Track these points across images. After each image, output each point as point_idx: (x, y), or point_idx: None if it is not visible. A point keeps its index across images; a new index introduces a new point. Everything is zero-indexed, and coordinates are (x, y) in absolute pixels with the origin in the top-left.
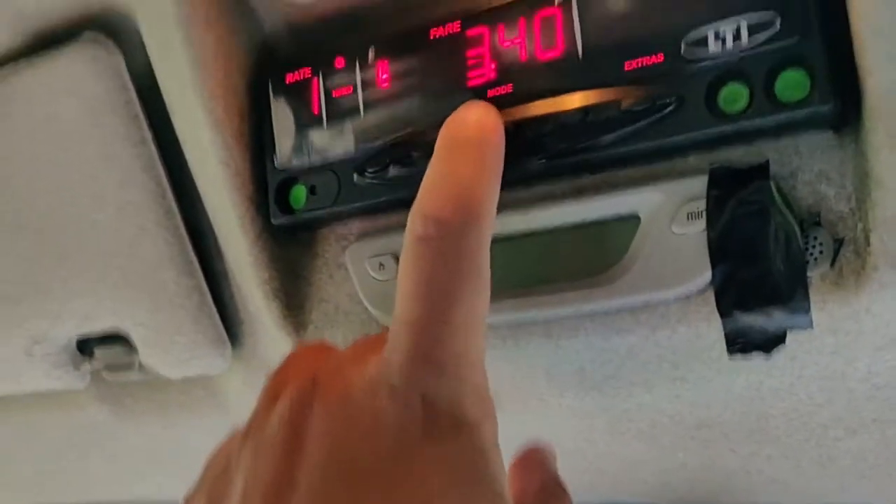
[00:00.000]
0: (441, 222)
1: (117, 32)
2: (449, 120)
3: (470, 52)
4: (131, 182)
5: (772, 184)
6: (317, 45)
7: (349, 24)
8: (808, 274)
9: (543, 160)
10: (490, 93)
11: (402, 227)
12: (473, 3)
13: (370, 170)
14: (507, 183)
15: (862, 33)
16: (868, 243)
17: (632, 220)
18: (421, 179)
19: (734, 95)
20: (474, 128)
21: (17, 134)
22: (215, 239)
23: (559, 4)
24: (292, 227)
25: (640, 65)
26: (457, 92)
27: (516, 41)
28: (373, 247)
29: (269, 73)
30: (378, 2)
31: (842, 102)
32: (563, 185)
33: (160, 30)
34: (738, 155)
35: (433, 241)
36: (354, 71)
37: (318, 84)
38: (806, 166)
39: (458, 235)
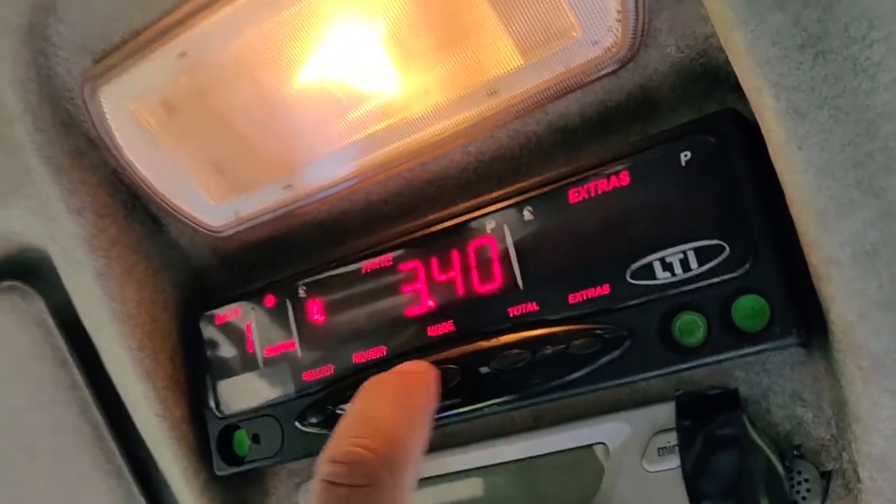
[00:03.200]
0: (353, 466)
1: (38, 270)
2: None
3: (405, 288)
4: (65, 428)
5: (743, 416)
6: (248, 275)
7: (278, 250)
8: None
9: (492, 400)
10: (430, 330)
11: None
12: (401, 228)
13: (313, 418)
14: (454, 422)
15: (817, 264)
16: (858, 479)
17: (600, 452)
18: None
19: (690, 326)
20: (397, 370)
21: None
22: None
23: (491, 232)
24: (239, 475)
25: (584, 297)
26: (396, 326)
27: (451, 275)
28: None
29: (200, 312)
30: (305, 229)
31: (806, 328)
32: (521, 413)
33: (78, 282)
34: (704, 374)
35: (342, 490)
36: (286, 309)
37: (251, 325)
38: (777, 386)
39: (372, 481)
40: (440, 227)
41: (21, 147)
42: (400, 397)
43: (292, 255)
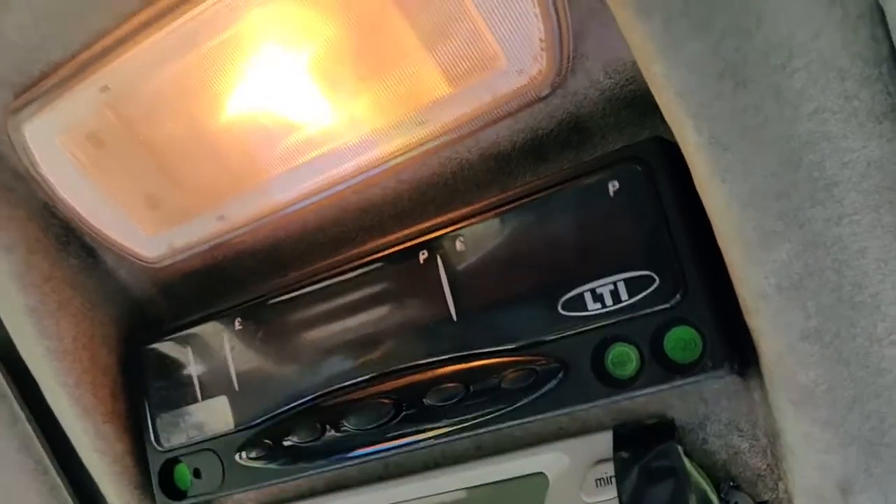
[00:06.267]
0: None
1: None
2: None
3: (339, 320)
4: (6, 465)
5: (678, 446)
6: (189, 305)
7: (217, 279)
8: None
9: (425, 434)
10: (365, 363)
11: (298, 496)
12: (334, 260)
13: (252, 452)
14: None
15: (745, 296)
16: None
17: (539, 481)
18: (321, 452)
19: (622, 358)
20: None
21: None
22: None
23: (424, 262)
24: None
25: (517, 329)
26: (331, 358)
27: (385, 307)
28: None
29: (139, 345)
30: (242, 259)
31: (738, 359)
32: (462, 442)
33: (12, 318)
34: (642, 403)
35: None
36: (223, 342)
37: (189, 358)
38: (714, 415)
39: None
40: (373, 256)
41: None
42: None
43: (231, 284)
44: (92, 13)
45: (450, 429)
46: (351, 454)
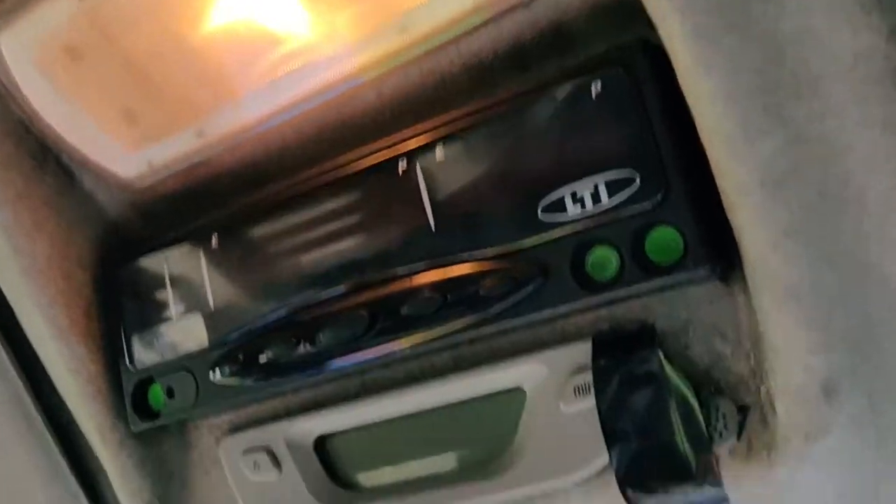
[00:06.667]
0: None
1: None
2: None
3: (316, 233)
4: None
5: (659, 352)
6: (166, 227)
7: (196, 200)
8: (715, 449)
9: (403, 344)
10: (341, 275)
11: (274, 416)
12: (312, 171)
13: (227, 367)
14: (372, 366)
15: (727, 192)
16: (775, 412)
17: (517, 396)
18: (296, 365)
19: (602, 260)
20: None
21: None
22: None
23: (403, 172)
24: (159, 430)
25: (496, 236)
26: (308, 272)
27: (363, 217)
28: (246, 439)
29: (115, 265)
30: (221, 178)
31: (721, 261)
32: (441, 357)
33: None
34: (622, 311)
35: None
36: (199, 260)
37: (165, 276)
38: (696, 320)
39: None
40: (352, 168)
41: None
42: None
43: (209, 205)
44: None
45: (426, 338)
46: (326, 367)
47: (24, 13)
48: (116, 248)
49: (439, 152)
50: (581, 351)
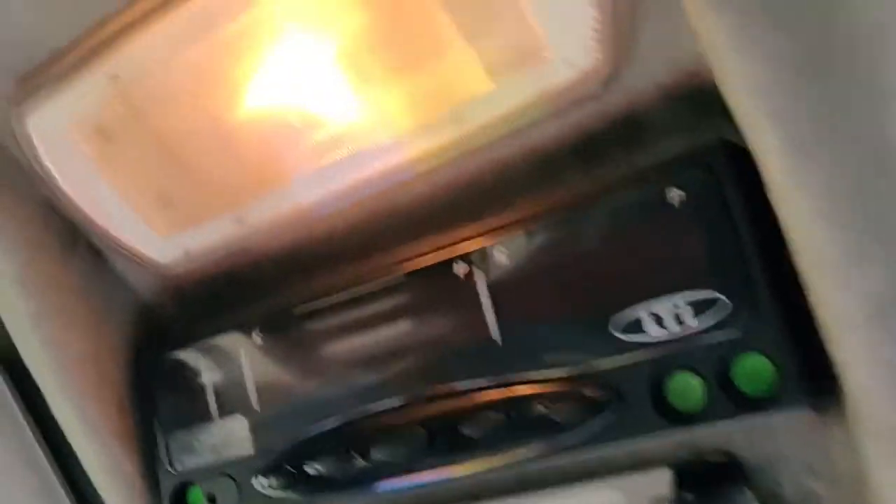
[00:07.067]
0: None
1: None
2: None
3: (367, 339)
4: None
5: (748, 491)
6: (203, 311)
7: (234, 285)
8: None
9: (463, 466)
10: (396, 388)
11: None
12: (362, 270)
13: (273, 477)
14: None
15: (830, 325)
16: None
17: None
18: (347, 483)
19: (684, 388)
20: None
21: None
22: None
23: (463, 276)
24: None
25: (568, 354)
26: (359, 381)
27: (422, 314)
28: None
29: (149, 357)
30: (262, 264)
31: (817, 393)
32: (503, 474)
33: (15, 324)
34: (701, 436)
35: None
36: (240, 354)
37: (204, 372)
38: (785, 455)
39: None
40: (408, 267)
41: None
42: None
43: (250, 291)
44: None
45: (490, 465)
46: (380, 486)
47: (55, 93)
48: (150, 335)
49: (502, 256)
50: (660, 479)
